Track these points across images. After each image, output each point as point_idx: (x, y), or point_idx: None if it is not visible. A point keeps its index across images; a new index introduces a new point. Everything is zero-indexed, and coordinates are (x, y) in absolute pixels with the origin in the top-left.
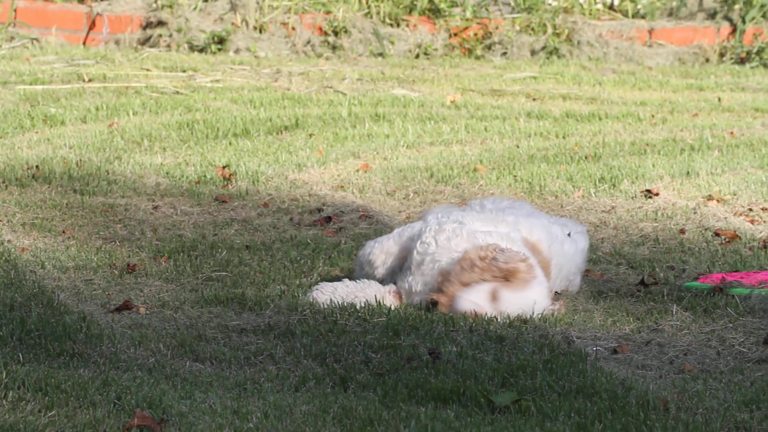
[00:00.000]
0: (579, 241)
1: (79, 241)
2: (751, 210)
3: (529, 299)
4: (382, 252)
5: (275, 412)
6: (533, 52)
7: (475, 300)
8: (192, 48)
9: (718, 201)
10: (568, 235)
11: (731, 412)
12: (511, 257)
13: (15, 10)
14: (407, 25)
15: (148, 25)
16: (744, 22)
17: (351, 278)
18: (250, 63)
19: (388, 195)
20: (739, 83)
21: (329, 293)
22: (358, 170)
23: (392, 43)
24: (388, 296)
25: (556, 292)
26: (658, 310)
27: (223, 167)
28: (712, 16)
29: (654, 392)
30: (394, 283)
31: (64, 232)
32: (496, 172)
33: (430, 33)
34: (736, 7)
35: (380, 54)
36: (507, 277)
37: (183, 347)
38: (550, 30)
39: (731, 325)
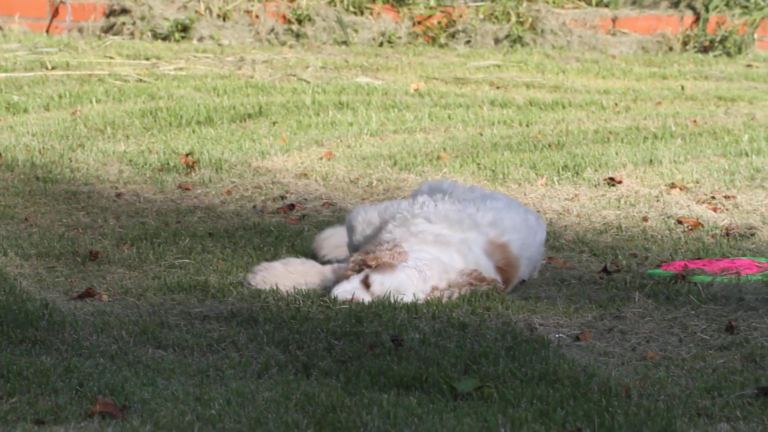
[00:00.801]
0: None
1: (41, 228)
2: (713, 198)
3: (396, 280)
4: (363, 221)
5: (238, 399)
6: (497, 41)
7: (348, 288)
8: (155, 36)
9: (680, 189)
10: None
11: (693, 399)
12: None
13: None
14: (371, 14)
15: (111, 13)
16: (707, 10)
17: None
18: (214, 51)
19: (351, 183)
20: (703, 72)
21: (263, 273)
22: (321, 158)
23: (356, 31)
24: (328, 273)
25: (523, 279)
26: (620, 298)
27: (187, 155)
28: (675, 4)
29: (616, 379)
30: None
31: (26, 219)
32: (460, 159)
33: (393, 21)
34: None
35: (344, 42)
36: (374, 264)
37: (145, 334)
38: (513, 18)
39: (693, 312)
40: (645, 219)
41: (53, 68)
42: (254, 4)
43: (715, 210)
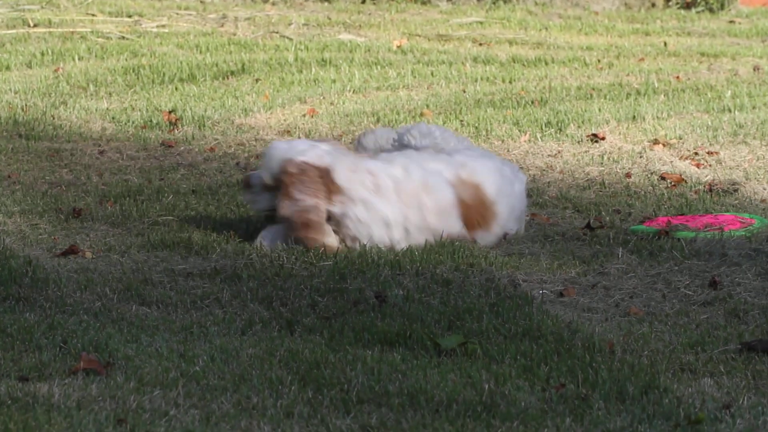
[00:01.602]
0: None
1: (24, 185)
2: (696, 154)
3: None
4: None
5: (222, 356)
6: None
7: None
8: None
9: (663, 145)
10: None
11: (676, 354)
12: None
13: None
14: None
15: None
16: None
17: None
18: (196, 8)
19: (334, 140)
20: (685, 28)
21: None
22: (304, 115)
23: None
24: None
25: (506, 233)
26: (604, 254)
27: (170, 112)
28: None
29: (600, 335)
30: None
31: (9, 176)
32: (443, 116)
33: None
34: None
35: None
36: None
37: (129, 291)
38: None
39: (677, 268)
40: (628, 175)
41: (35, 25)
42: None
43: (698, 166)
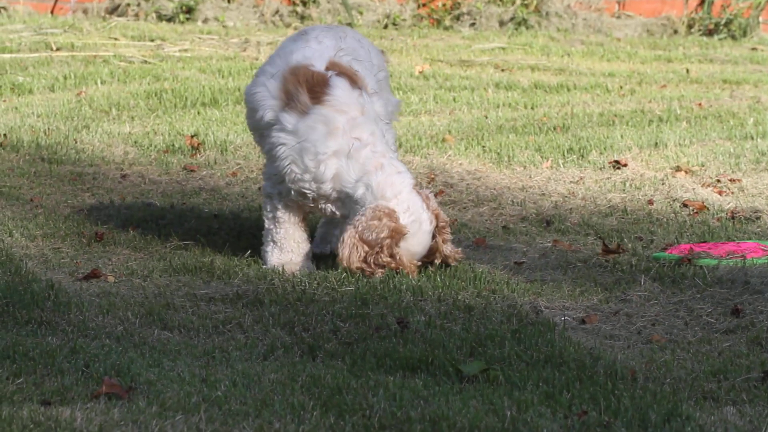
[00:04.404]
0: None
1: (47, 209)
2: (719, 181)
3: None
4: None
5: (244, 381)
6: (502, 23)
7: None
8: (160, 17)
9: (686, 172)
10: None
11: (699, 382)
12: None
13: None
14: None
15: None
16: None
17: None
18: (219, 32)
19: None
20: (708, 55)
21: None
22: None
23: (360, 13)
24: None
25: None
26: (626, 281)
27: (192, 136)
28: None
29: (622, 362)
30: None
31: (32, 200)
32: (465, 142)
33: (398, 3)
34: None
35: (349, 24)
36: None
37: (151, 315)
38: (518, 1)
39: (699, 295)
40: (650, 202)
41: (58, 49)
42: None
43: (720, 193)
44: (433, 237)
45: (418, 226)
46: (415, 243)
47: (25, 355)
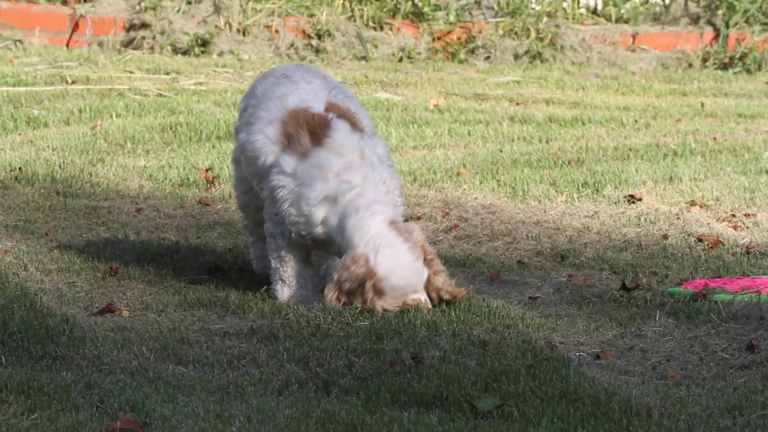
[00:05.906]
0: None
1: (62, 243)
2: (734, 216)
3: None
4: None
5: (258, 416)
6: (516, 57)
7: None
8: (175, 50)
9: (701, 206)
10: None
11: (714, 419)
12: None
13: None
14: (391, 29)
15: (131, 27)
16: (727, 27)
17: None
18: (234, 66)
19: None
20: (722, 88)
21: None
22: None
23: (375, 46)
24: None
25: None
26: (641, 316)
27: (207, 170)
28: (695, 21)
29: (637, 398)
30: None
31: (47, 234)
32: (480, 176)
33: (413, 37)
34: (720, 12)
35: (364, 57)
36: None
37: (166, 350)
38: (533, 34)
39: (714, 331)
40: (665, 237)
41: (73, 82)
42: (274, 19)
43: (735, 228)
44: None
45: (394, 262)
46: (399, 278)
47: (39, 390)
